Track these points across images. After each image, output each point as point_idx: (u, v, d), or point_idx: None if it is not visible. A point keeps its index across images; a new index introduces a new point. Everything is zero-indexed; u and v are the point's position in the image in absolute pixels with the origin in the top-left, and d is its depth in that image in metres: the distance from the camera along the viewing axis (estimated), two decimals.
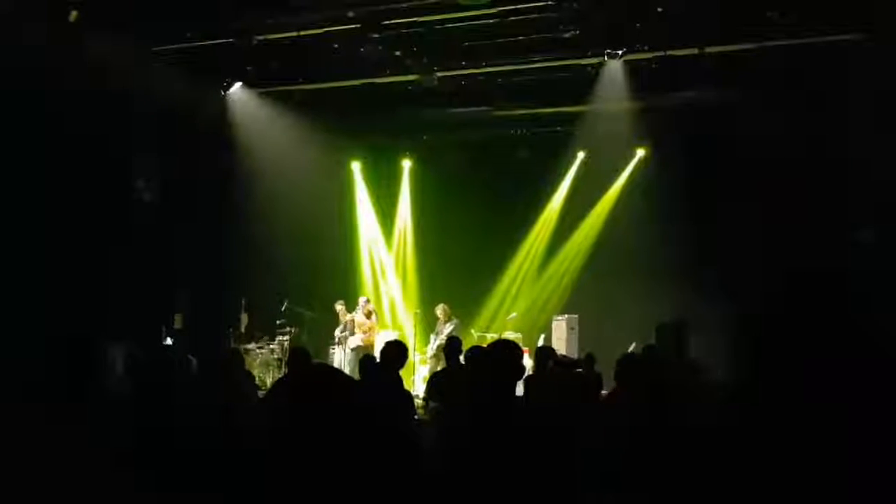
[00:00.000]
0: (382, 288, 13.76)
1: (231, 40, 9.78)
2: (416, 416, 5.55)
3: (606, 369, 8.68)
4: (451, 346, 6.38)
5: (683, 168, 10.88)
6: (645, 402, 4.37)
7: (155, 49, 10.01)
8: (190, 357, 6.18)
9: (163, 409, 3.23)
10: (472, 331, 12.01)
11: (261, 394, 6.88)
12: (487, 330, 12.21)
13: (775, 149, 9.56)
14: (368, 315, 11.87)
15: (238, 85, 11.16)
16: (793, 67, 9.25)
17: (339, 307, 12.02)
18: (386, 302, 13.64)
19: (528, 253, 12.92)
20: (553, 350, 7.78)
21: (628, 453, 3.73)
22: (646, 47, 9.42)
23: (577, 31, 9.08)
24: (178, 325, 10.98)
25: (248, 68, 10.77)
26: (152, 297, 10.25)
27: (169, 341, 10.48)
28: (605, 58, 9.53)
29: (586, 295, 12.15)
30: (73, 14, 8.65)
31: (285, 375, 8.11)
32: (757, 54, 9.24)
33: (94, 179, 9.28)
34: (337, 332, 12.05)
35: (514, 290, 12.86)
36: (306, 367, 5.11)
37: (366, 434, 1.61)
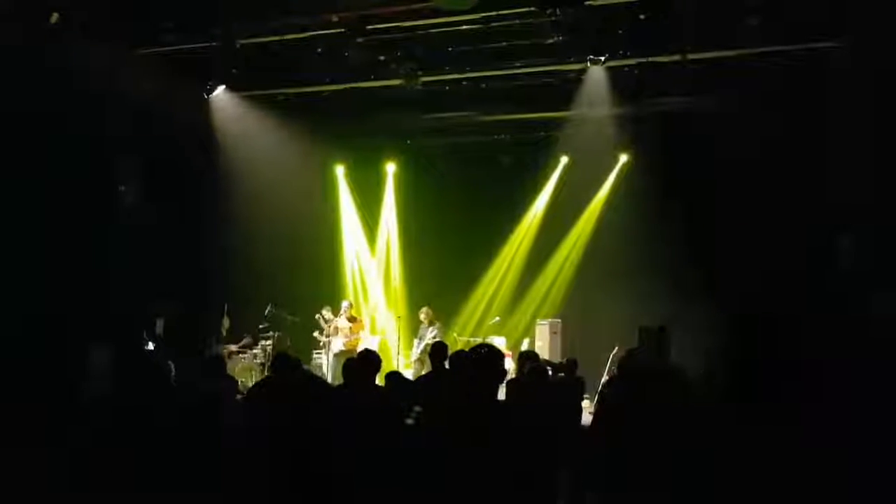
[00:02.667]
0: (367, 292, 13.75)
1: (214, 43, 9.75)
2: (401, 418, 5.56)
3: (589, 373, 8.78)
4: (437, 351, 6.41)
5: (666, 173, 10.97)
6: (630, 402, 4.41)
7: (137, 51, 9.95)
8: (170, 362, 6.15)
9: (148, 410, 3.23)
10: (456, 335, 12.04)
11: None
12: (472, 334, 12.23)
13: (757, 153, 9.67)
14: (351, 319, 11.86)
15: (221, 88, 11.11)
16: (773, 73, 9.37)
17: (326, 313, 12.00)
18: (370, 306, 13.63)
19: (511, 257, 12.97)
20: (536, 354, 7.80)
21: (613, 454, 3.76)
22: (628, 54, 9.51)
23: (561, 38, 9.15)
24: (159, 330, 10.90)
25: (232, 71, 10.74)
26: (134, 301, 10.17)
27: (150, 346, 10.41)
28: (588, 64, 9.59)
29: (569, 299, 12.22)
30: (55, 15, 8.59)
31: (264, 378, 8.11)
32: (737, 60, 9.36)
33: (74, 182, 9.20)
34: (319, 336, 12.03)
35: (497, 294, 12.90)
36: (286, 372, 5.12)
37: (341, 434, 1.62)
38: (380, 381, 5.53)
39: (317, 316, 11.92)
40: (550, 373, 7.67)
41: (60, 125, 8.78)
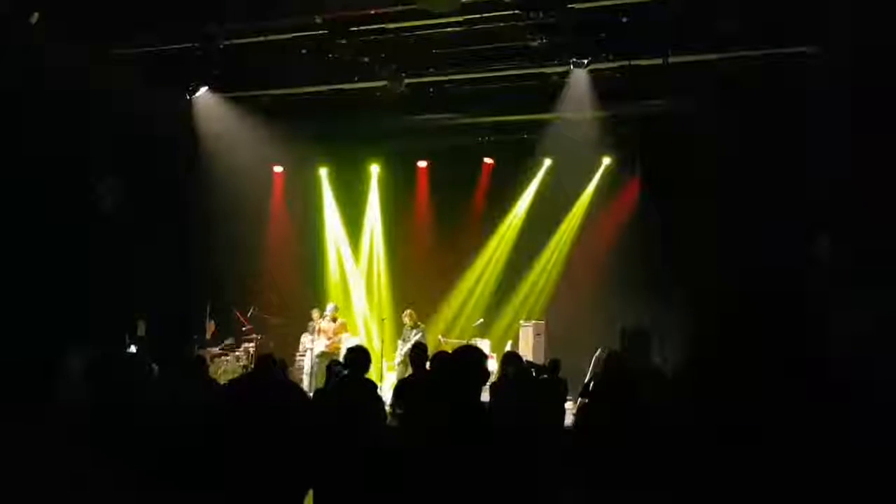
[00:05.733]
0: (351, 294, 13.72)
1: (197, 44, 9.71)
2: (385, 419, 5.57)
3: (572, 374, 8.82)
4: (417, 353, 6.41)
5: (649, 176, 11.04)
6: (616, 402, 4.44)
7: (120, 52, 9.88)
8: (153, 365, 6.11)
9: (126, 410, 3.21)
10: (440, 336, 12.04)
11: None
12: (455, 335, 12.23)
13: (738, 157, 9.76)
14: (335, 322, 11.83)
15: (204, 89, 11.04)
16: (752, 77, 9.46)
17: (315, 314, 11.96)
18: (354, 308, 13.60)
19: (495, 259, 12.98)
20: (519, 356, 7.83)
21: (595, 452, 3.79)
22: (611, 57, 9.56)
23: (543, 41, 9.19)
24: (140, 332, 10.83)
25: (215, 73, 10.69)
26: (115, 303, 10.09)
27: (132, 349, 10.33)
28: (571, 67, 9.64)
29: (553, 301, 12.26)
30: (35, 15, 8.52)
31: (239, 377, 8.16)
32: (718, 64, 9.44)
33: (55, 186, 9.13)
34: (304, 339, 12.00)
35: (481, 296, 12.91)
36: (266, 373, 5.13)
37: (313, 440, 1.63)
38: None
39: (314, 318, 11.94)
40: (534, 374, 7.70)
41: (41, 126, 8.70)
